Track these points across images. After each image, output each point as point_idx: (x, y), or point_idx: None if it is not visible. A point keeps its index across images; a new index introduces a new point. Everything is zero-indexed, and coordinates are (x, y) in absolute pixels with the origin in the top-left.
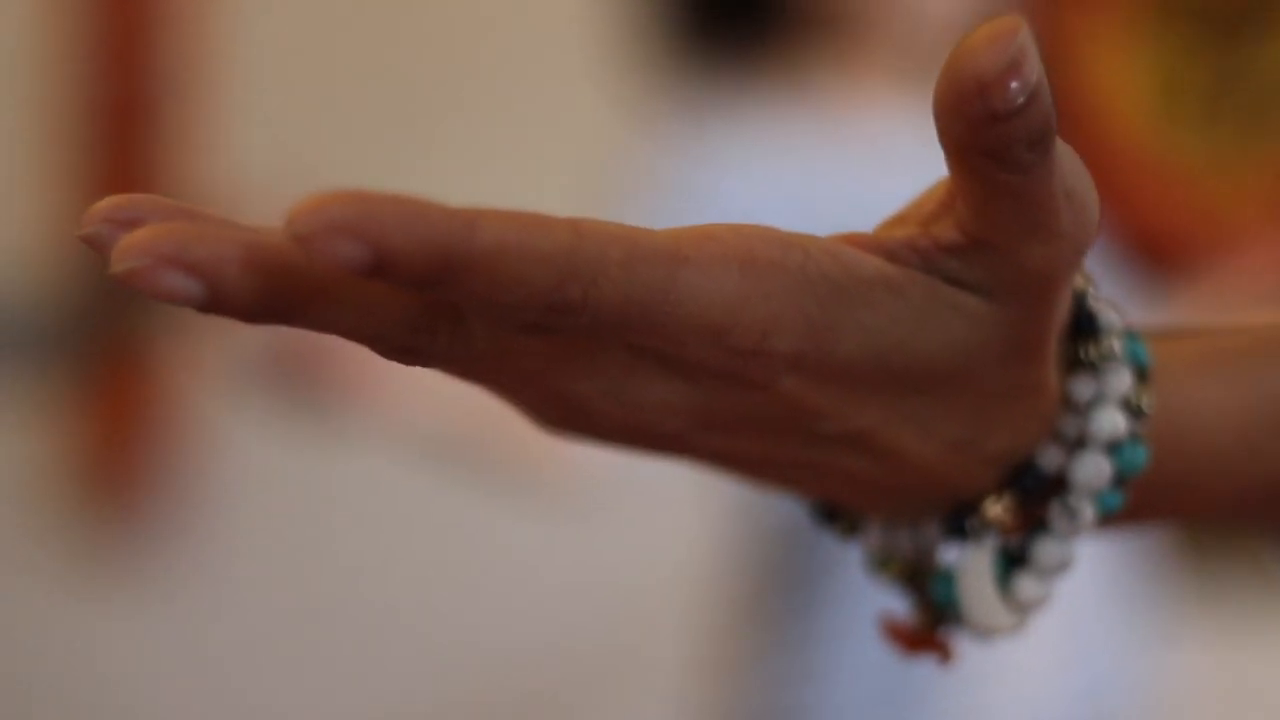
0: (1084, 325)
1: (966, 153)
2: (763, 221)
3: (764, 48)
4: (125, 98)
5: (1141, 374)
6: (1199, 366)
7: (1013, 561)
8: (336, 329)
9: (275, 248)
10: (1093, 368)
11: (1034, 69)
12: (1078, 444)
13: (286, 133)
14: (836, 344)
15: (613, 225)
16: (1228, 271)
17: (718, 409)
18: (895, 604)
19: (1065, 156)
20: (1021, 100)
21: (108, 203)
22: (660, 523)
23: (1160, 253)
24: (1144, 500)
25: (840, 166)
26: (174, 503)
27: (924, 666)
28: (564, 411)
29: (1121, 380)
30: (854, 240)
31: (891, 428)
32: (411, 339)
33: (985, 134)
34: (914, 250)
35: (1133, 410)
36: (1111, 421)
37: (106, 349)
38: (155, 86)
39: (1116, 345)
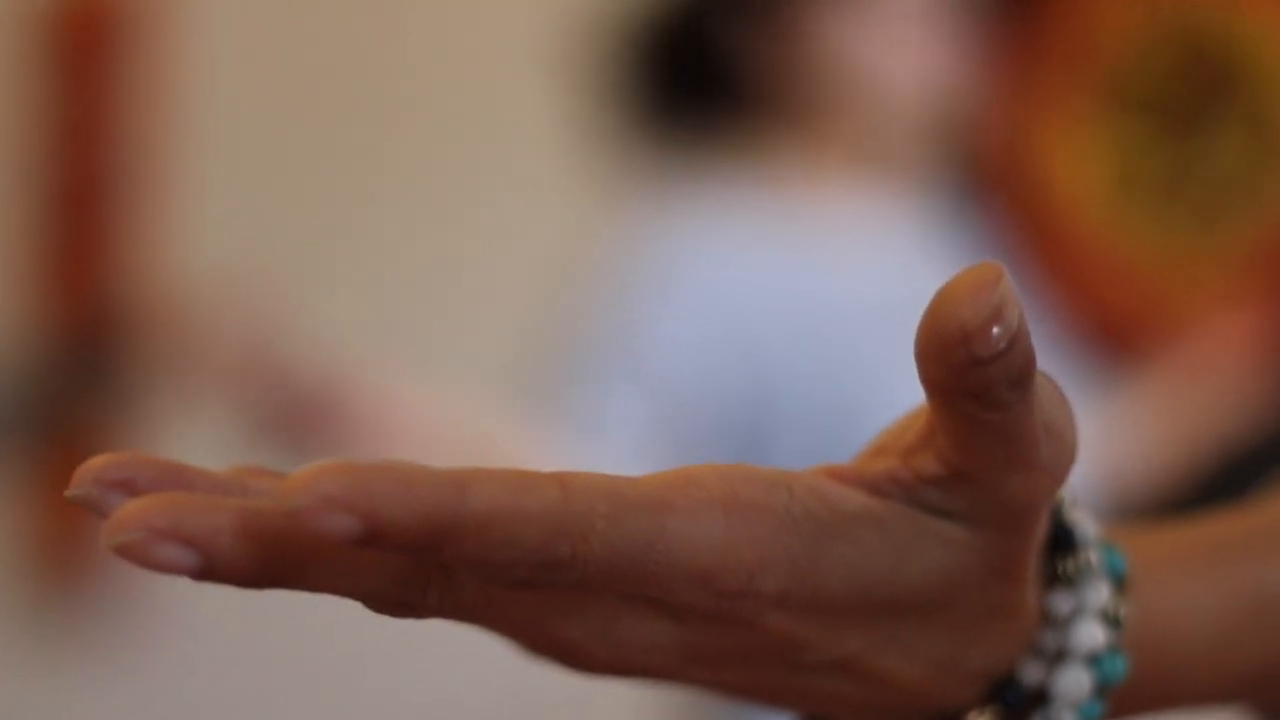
0: (1061, 539)
1: (948, 393)
2: (726, 303)
3: (728, 129)
4: (81, 185)
5: (1119, 583)
6: (1175, 564)
7: None
8: (330, 589)
9: (267, 515)
10: (1070, 582)
11: (1015, 313)
12: (1057, 657)
13: (243, 220)
14: (822, 580)
15: (598, 478)
16: (1183, 359)
17: (704, 645)
18: None
19: (1044, 389)
20: (1003, 345)
21: (97, 463)
22: None
23: (1115, 341)
24: (1126, 701)
25: (802, 249)
26: (130, 580)
27: None
28: (552, 651)
29: (1099, 593)
30: (835, 473)
31: (875, 652)
32: (403, 594)
33: (968, 377)
34: (896, 483)
35: (1111, 621)
36: (1090, 635)
37: (63, 428)
38: (111, 174)
39: (1094, 557)
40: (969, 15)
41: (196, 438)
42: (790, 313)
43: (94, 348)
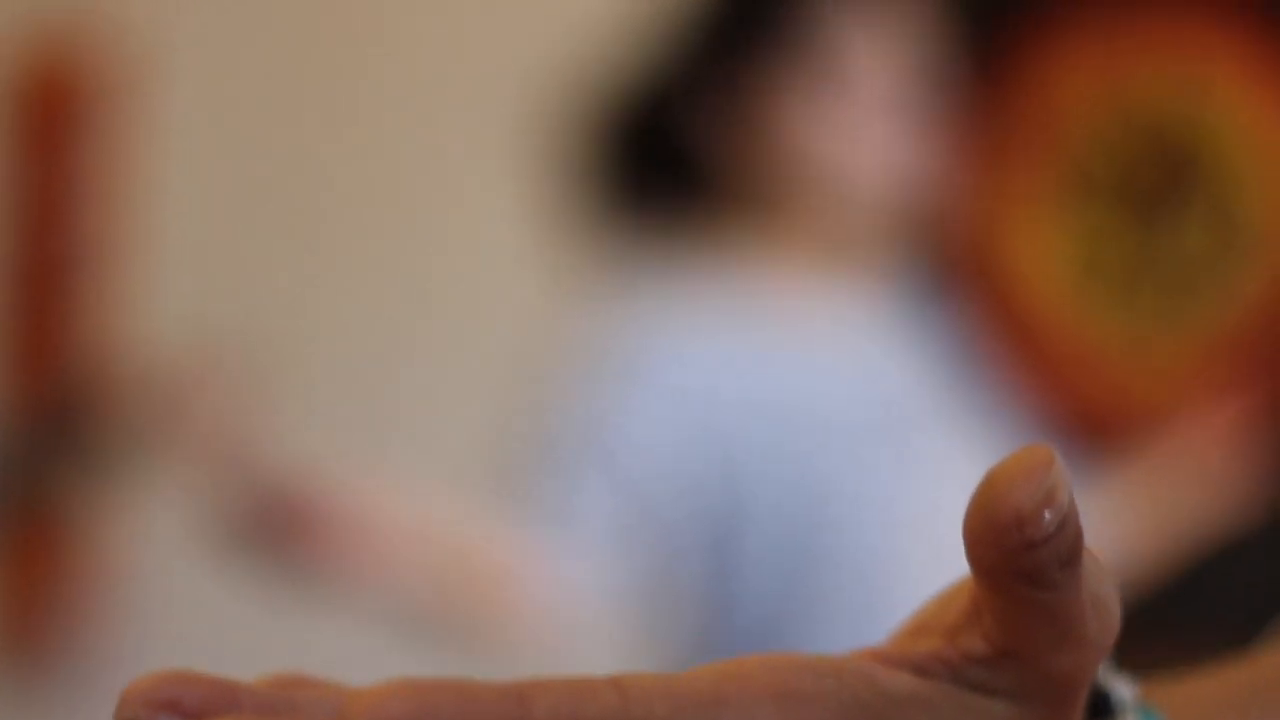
0: (1099, 704)
1: (998, 575)
2: (693, 394)
3: (695, 220)
4: (47, 259)
5: None
6: (1213, 714)
7: None
8: None
9: None
10: None
11: (1067, 495)
12: None
13: (208, 300)
14: None
15: (652, 679)
16: (1159, 450)
17: None
18: None
19: (1088, 562)
20: (1055, 527)
21: (144, 684)
22: None
23: (1083, 428)
24: None
25: (769, 340)
26: (98, 651)
27: None
28: None
29: None
30: (880, 656)
31: None
32: None
33: (1019, 560)
34: (942, 663)
35: None
36: None
37: (33, 503)
38: (77, 247)
39: None
40: (934, 105)
41: (167, 512)
42: (757, 404)
43: (63, 422)
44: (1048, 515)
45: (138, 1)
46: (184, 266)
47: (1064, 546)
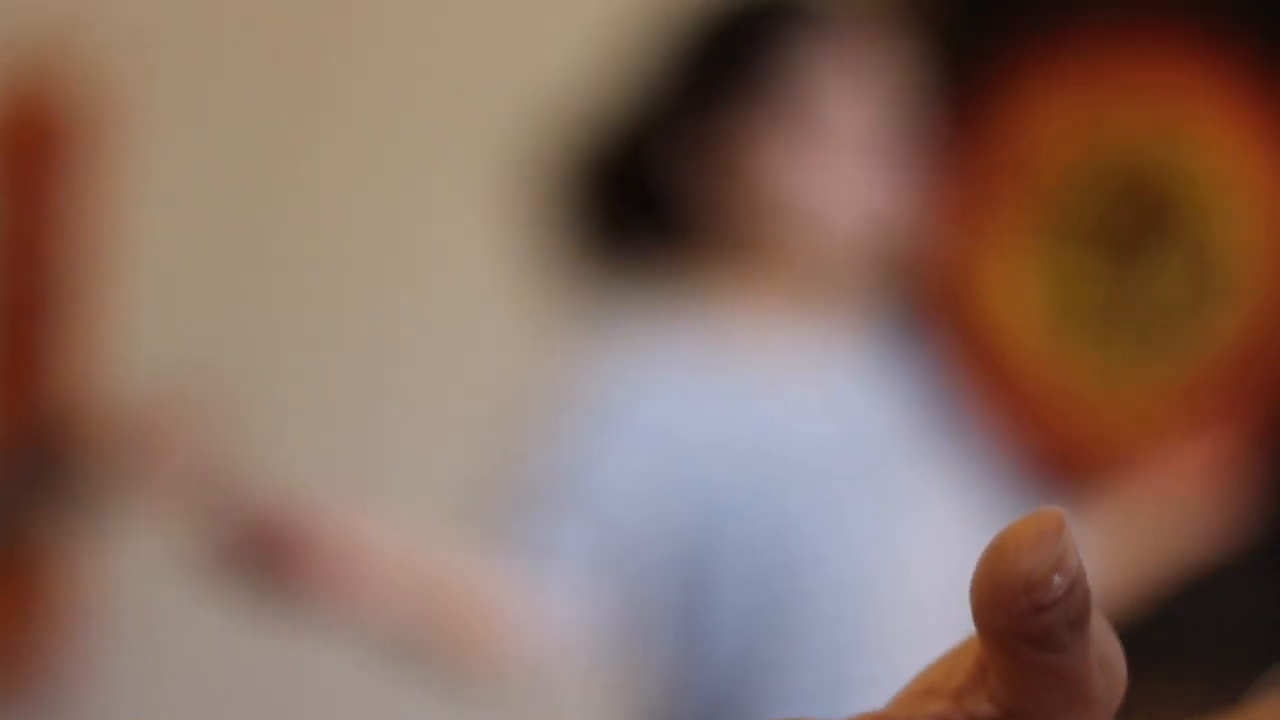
0: None
1: (1006, 638)
2: (668, 434)
3: (671, 261)
4: (24, 299)
5: None
6: None
7: None
8: None
9: None
10: None
11: (1076, 559)
12: None
13: (185, 329)
14: None
15: None
16: (1133, 490)
17: None
18: None
19: (1095, 623)
20: (1064, 591)
21: None
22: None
23: (1057, 469)
24: None
25: (744, 380)
26: (78, 686)
27: None
28: None
29: None
30: (886, 719)
31: None
32: None
33: (1028, 623)
34: None
35: None
36: None
37: (13, 537)
38: (54, 287)
39: None
40: (910, 148)
41: (147, 543)
42: (731, 445)
43: (41, 457)
44: (1057, 580)
45: (112, 42)
46: (161, 303)
47: (1073, 609)
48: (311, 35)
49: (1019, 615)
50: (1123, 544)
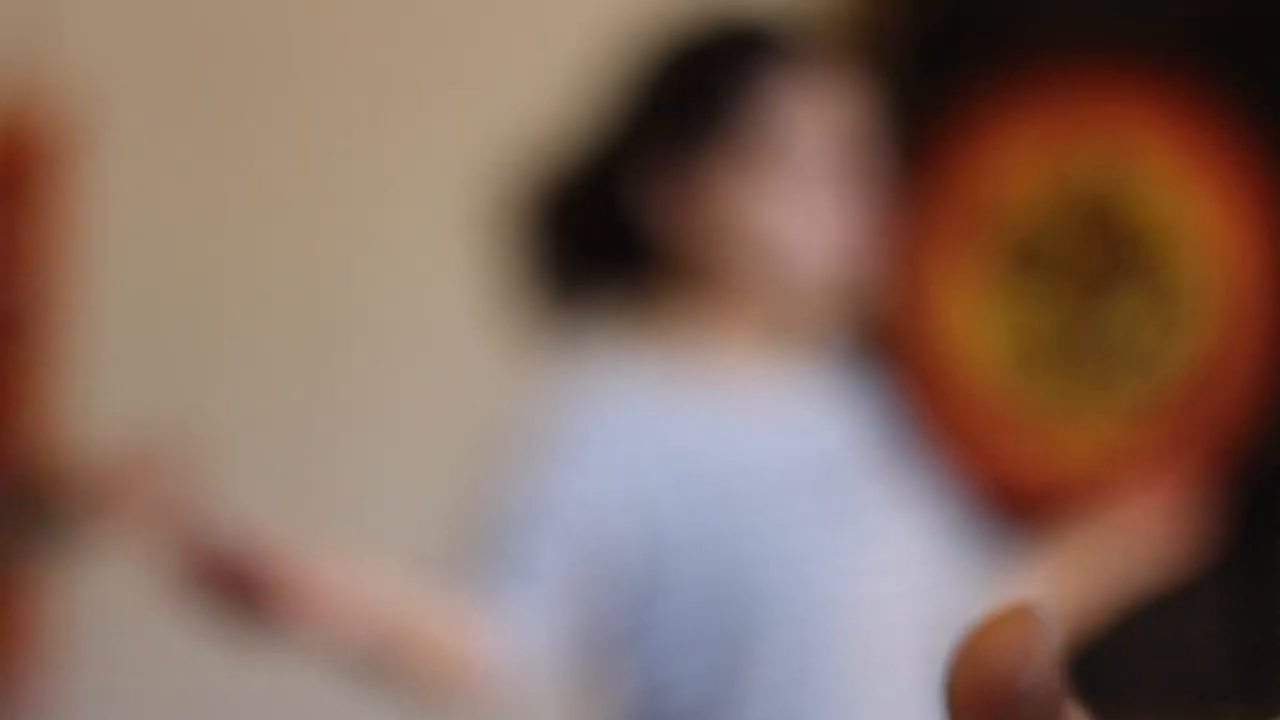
0: None
1: None
2: (629, 462)
3: (635, 292)
4: None
5: None
6: None
7: None
8: None
9: None
10: None
11: (1048, 657)
12: None
13: (152, 369)
14: None
15: None
16: (1089, 520)
17: None
18: None
19: (1069, 713)
20: (1037, 684)
21: None
22: None
23: (1011, 502)
24: None
25: (705, 410)
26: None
27: None
28: None
29: None
30: None
31: None
32: None
33: (1002, 714)
34: None
35: None
36: None
37: None
38: (14, 324)
39: None
40: (872, 181)
41: (117, 587)
42: (694, 472)
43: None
44: (1030, 676)
45: (73, 76)
46: (127, 337)
47: (1045, 696)
48: (279, 67)
49: (992, 710)
50: (1079, 574)
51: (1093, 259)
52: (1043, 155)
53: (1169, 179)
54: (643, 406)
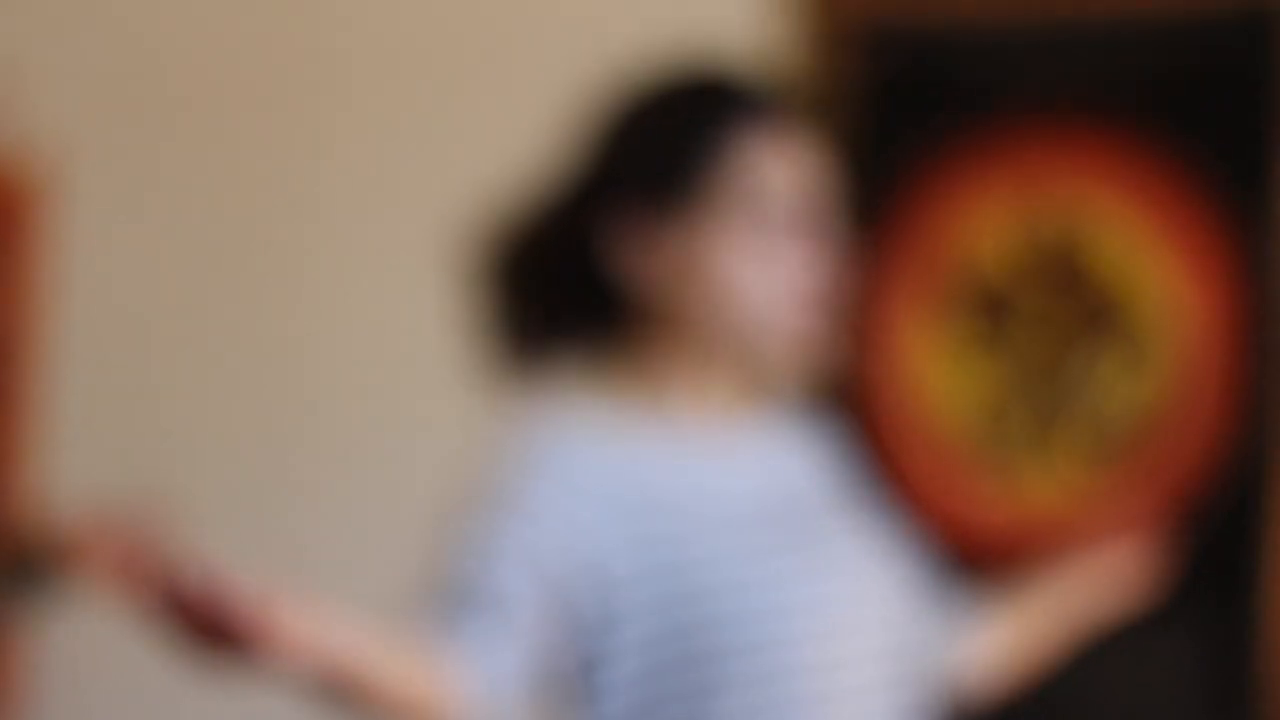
0: None
1: None
2: (599, 503)
3: (605, 340)
4: None
5: None
6: None
7: None
8: None
9: None
10: None
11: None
12: None
13: (123, 436)
14: None
15: None
16: (1056, 566)
17: None
18: None
19: None
20: None
21: None
22: None
23: (975, 547)
24: None
25: (673, 456)
26: None
27: None
28: None
29: None
30: None
31: None
32: None
33: None
34: None
35: None
36: None
37: None
38: None
39: None
40: (845, 233)
41: (88, 634)
42: (645, 504)
43: None
44: None
45: (38, 132)
46: (94, 394)
47: None
48: (248, 118)
49: None
50: (1042, 617)
51: (1055, 310)
52: (1007, 209)
53: (1130, 233)
54: (605, 449)
